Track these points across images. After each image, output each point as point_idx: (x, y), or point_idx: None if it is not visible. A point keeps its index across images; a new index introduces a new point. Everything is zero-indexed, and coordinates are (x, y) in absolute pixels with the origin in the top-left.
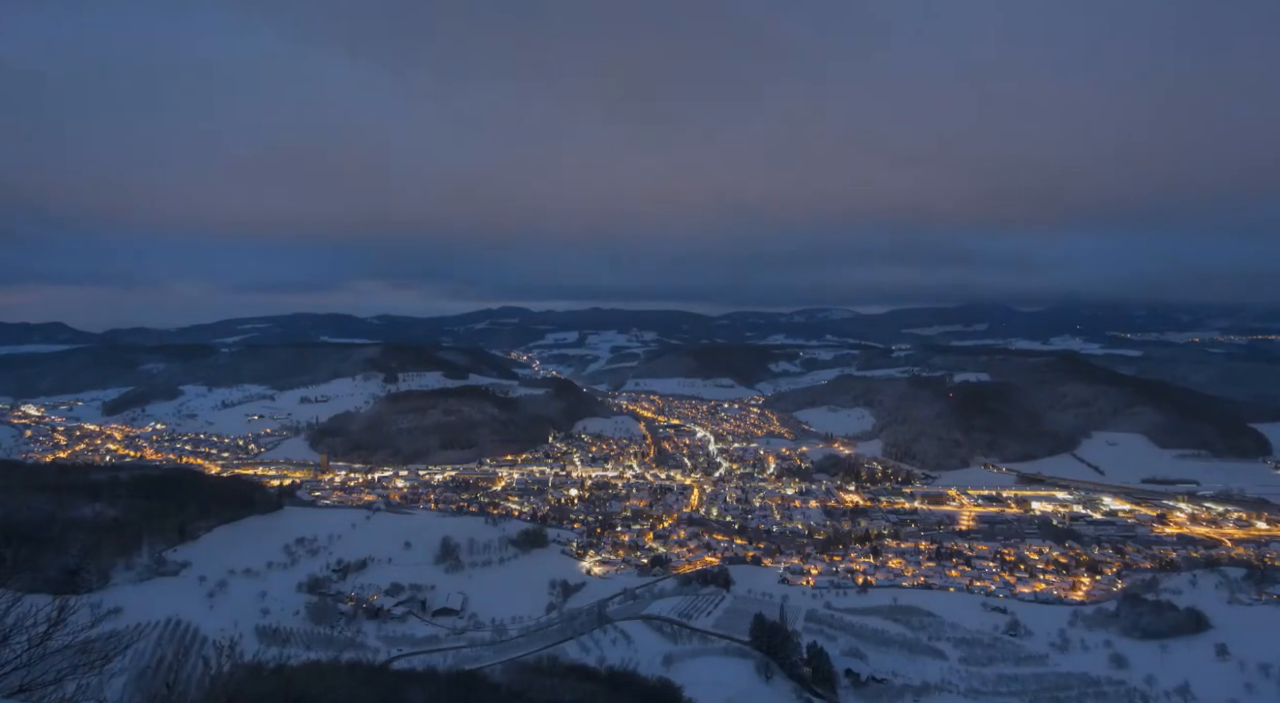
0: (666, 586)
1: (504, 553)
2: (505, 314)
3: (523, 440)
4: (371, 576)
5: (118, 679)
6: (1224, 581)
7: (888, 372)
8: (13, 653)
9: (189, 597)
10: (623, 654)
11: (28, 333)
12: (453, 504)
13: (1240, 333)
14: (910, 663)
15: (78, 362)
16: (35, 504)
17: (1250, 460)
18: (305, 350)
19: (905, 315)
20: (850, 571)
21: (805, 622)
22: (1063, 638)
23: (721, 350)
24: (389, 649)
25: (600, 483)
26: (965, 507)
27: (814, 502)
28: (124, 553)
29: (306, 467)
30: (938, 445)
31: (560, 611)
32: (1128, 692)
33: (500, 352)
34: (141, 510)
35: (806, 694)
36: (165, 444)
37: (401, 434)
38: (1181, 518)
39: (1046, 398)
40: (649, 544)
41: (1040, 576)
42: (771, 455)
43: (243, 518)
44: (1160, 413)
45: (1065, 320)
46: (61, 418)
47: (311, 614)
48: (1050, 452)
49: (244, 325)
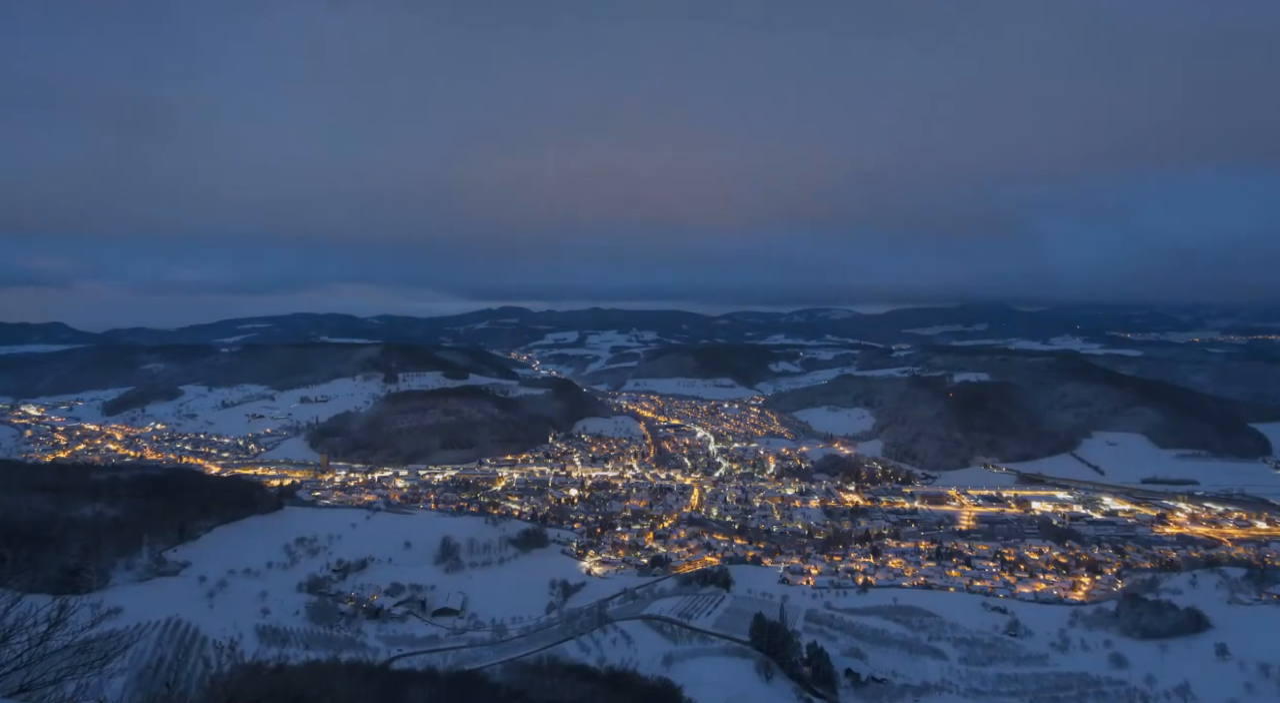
0: (666, 586)
1: (504, 553)
2: (505, 314)
3: (523, 440)
4: (371, 576)
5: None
6: (1224, 581)
7: (888, 372)
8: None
9: (189, 597)
10: (623, 654)
11: (28, 333)
12: (453, 504)
13: (1240, 333)
14: (910, 663)
15: (78, 362)
16: (35, 504)
17: (1250, 460)
18: (305, 350)
19: (905, 315)
20: (850, 571)
21: (805, 622)
22: (1063, 638)
23: (721, 350)
24: (389, 649)
25: (600, 483)
26: (965, 507)
27: (814, 502)
28: (124, 553)
29: (306, 467)
30: (938, 445)
31: (560, 611)
32: (1128, 692)
33: (500, 352)
34: (141, 510)
35: (806, 694)
36: (165, 444)
37: (401, 434)
38: (1181, 518)
39: (1046, 398)
40: (649, 544)
41: (1040, 576)
42: (771, 455)
43: (243, 518)
44: (1160, 413)
45: (1065, 320)
46: (61, 418)
47: (311, 614)
48: (1050, 452)
49: (244, 325)
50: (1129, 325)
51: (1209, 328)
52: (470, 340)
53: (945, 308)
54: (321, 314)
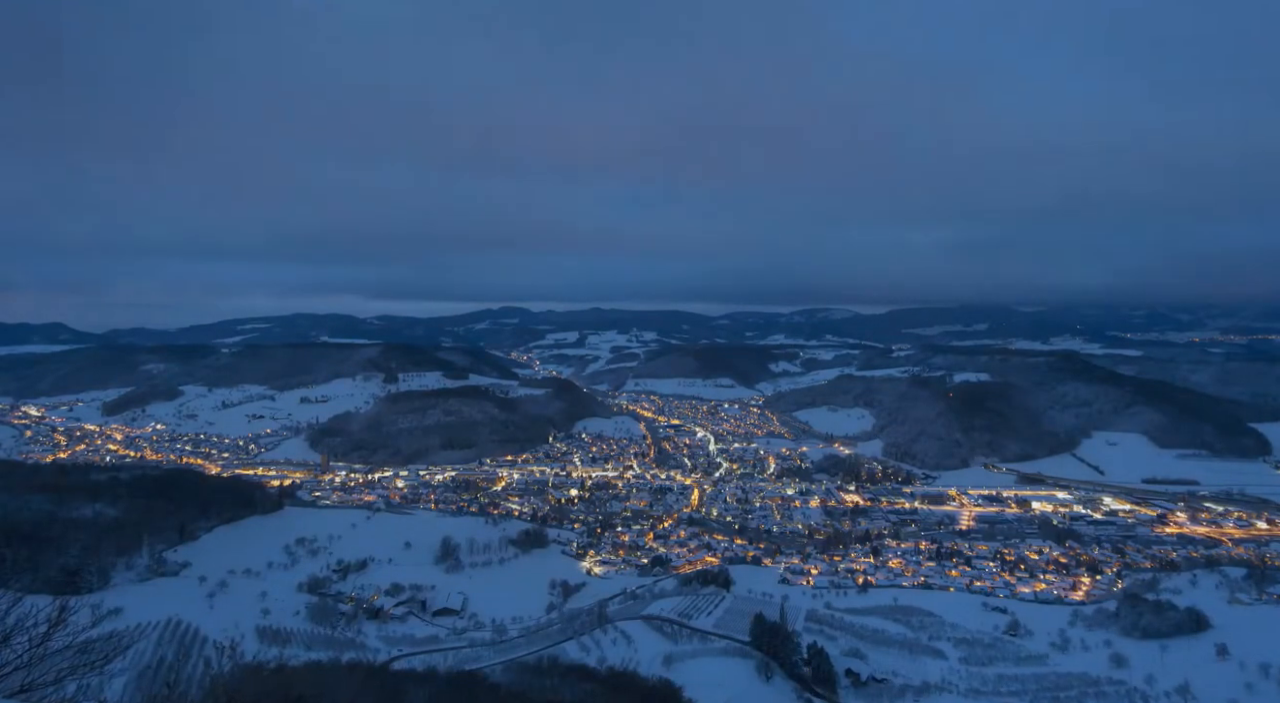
0: (666, 586)
1: (504, 553)
2: (505, 314)
3: (523, 440)
4: (372, 576)
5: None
6: (1224, 580)
7: (888, 372)
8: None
9: (189, 597)
10: (623, 654)
11: (28, 333)
12: (453, 504)
13: (1240, 333)
14: (910, 663)
15: (78, 362)
16: (35, 504)
17: (1250, 460)
18: (305, 351)
19: (905, 315)
20: (850, 571)
21: (805, 622)
22: (1063, 638)
23: (721, 350)
24: (389, 650)
25: (600, 483)
26: (965, 507)
27: (814, 502)
28: (124, 553)
29: (307, 467)
30: (938, 445)
31: (560, 611)
32: (1128, 692)
33: (500, 352)
34: (142, 511)
35: (807, 694)
36: (165, 445)
37: (401, 434)
38: (1181, 518)
39: (1046, 398)
40: (649, 544)
41: (1040, 576)
42: (771, 455)
43: (243, 518)
44: (1160, 413)
45: (1065, 320)
46: (61, 418)
47: (312, 615)
48: (1050, 452)
49: (244, 326)
50: (1129, 325)
51: (1209, 328)
52: (470, 340)
53: (945, 308)
54: (321, 314)
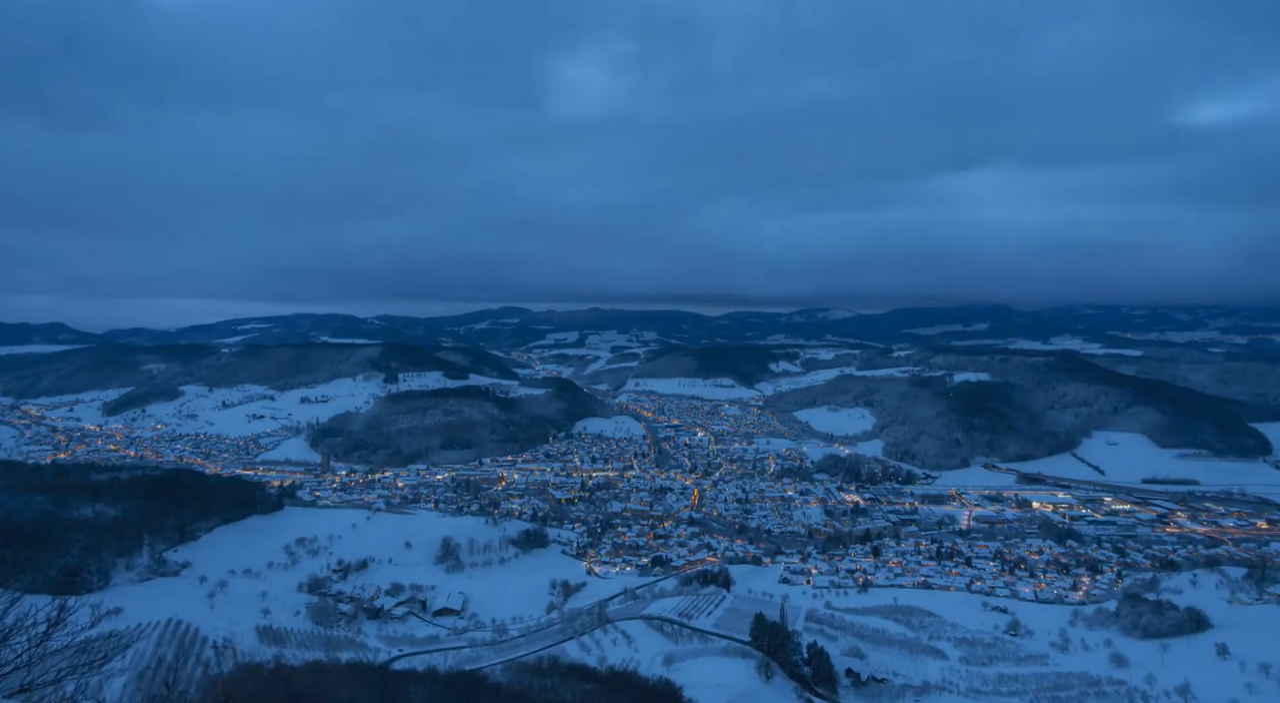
0: (667, 586)
1: (504, 553)
2: (505, 314)
3: (523, 440)
4: (372, 576)
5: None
6: (1224, 580)
7: (888, 372)
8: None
9: (189, 597)
10: (623, 654)
11: (28, 333)
12: (453, 504)
13: (1240, 333)
14: (910, 663)
15: (78, 362)
16: (35, 504)
17: (1250, 460)
18: (305, 351)
19: (905, 315)
20: (850, 571)
21: (805, 622)
22: (1063, 638)
23: (721, 350)
24: (389, 649)
25: (600, 483)
26: (965, 507)
27: (814, 502)
28: (124, 553)
29: (307, 467)
30: (938, 445)
31: (561, 611)
32: (1128, 692)
33: (500, 352)
34: (142, 511)
35: (807, 694)
36: (165, 445)
37: (402, 434)
38: (1182, 517)
39: (1046, 398)
40: (649, 544)
41: (1041, 575)
42: (771, 455)
43: (243, 518)
44: (1160, 413)
45: (1065, 320)
46: (61, 418)
47: (312, 614)
48: (1050, 451)
49: (244, 326)
50: (1129, 325)
51: (1209, 328)
52: (470, 340)
53: (945, 308)
54: (321, 314)
